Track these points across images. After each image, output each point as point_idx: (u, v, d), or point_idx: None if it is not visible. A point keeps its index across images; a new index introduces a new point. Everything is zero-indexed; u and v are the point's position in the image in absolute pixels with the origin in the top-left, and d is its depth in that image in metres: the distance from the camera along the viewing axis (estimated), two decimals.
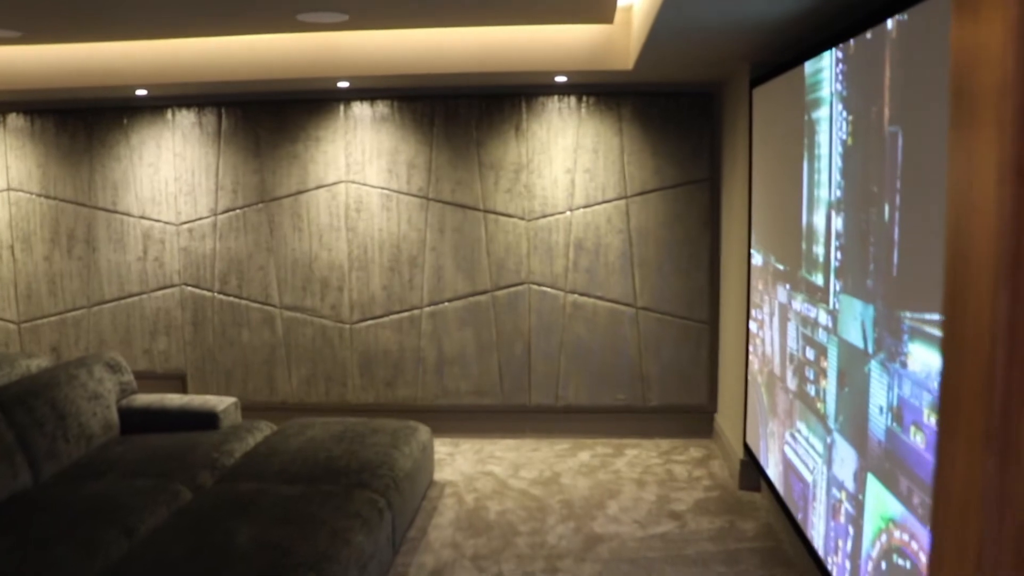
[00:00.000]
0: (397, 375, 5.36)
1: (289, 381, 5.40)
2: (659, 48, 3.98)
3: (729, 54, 4.06)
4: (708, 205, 5.20)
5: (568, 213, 5.21)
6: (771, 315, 3.88)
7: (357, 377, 5.37)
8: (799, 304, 3.37)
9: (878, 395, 2.46)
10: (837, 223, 2.87)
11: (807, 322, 3.26)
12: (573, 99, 5.16)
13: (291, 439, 4.06)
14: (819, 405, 3.09)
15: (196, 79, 4.73)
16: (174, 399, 4.40)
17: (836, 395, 2.88)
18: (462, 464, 4.89)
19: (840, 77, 2.88)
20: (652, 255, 5.22)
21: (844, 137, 2.83)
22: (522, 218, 5.23)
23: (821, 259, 3.07)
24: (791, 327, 3.51)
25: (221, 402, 4.37)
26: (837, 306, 2.86)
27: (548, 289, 5.26)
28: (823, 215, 3.06)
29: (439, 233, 5.24)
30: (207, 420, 4.27)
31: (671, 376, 5.31)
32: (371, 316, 5.31)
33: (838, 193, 2.88)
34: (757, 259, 4.16)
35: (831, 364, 2.93)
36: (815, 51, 3.12)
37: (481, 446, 5.22)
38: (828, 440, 2.98)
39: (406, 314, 5.30)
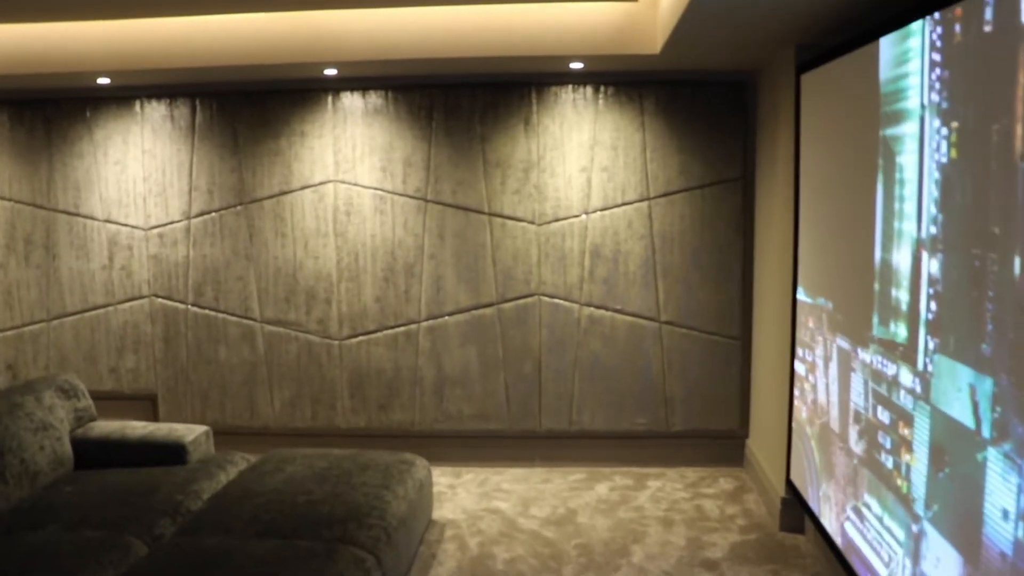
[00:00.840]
0: (392, 397, 4.92)
1: (271, 404, 4.96)
2: (694, 28, 3.52)
3: (773, 34, 3.59)
4: (740, 208, 4.73)
5: (584, 216, 4.76)
6: (826, 360, 3.39)
7: (347, 399, 4.92)
8: (869, 355, 2.88)
9: (1001, 495, 1.96)
10: (931, 266, 2.37)
11: (880, 378, 2.77)
12: (589, 89, 4.72)
13: (267, 477, 3.62)
14: (900, 482, 2.60)
15: (166, 65, 4.28)
16: (137, 428, 3.96)
17: (928, 477, 2.37)
18: (465, 499, 4.45)
19: (936, 70, 2.36)
20: (678, 263, 4.77)
21: (943, 158, 2.31)
22: (532, 222, 4.78)
23: (904, 307, 2.57)
24: (856, 379, 3.03)
25: (190, 432, 3.93)
26: (930, 368, 2.36)
27: (561, 301, 4.82)
28: (907, 254, 2.55)
29: (439, 239, 4.80)
30: (174, 453, 3.82)
31: (698, 398, 4.86)
32: (363, 331, 4.86)
33: (932, 229, 2.37)
34: (804, 296, 3.72)
35: (920, 437, 2.44)
36: (894, 24, 2.63)
37: (486, 477, 4.77)
38: (915, 529, 2.48)
39: (402, 329, 4.86)
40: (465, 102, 4.73)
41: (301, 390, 4.92)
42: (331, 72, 4.46)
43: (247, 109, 4.81)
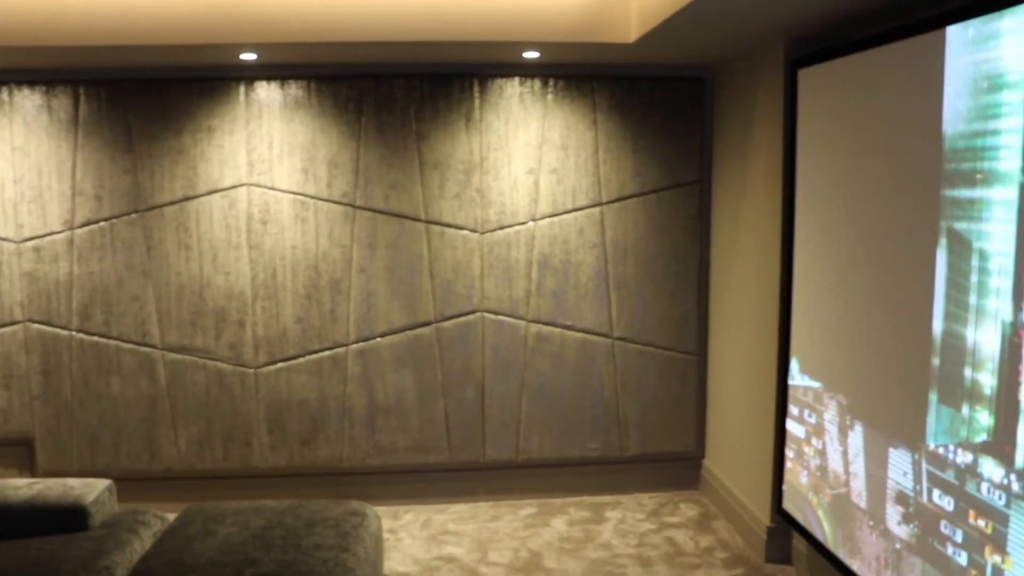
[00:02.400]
0: (317, 431, 4.48)
1: (175, 443, 4.42)
2: (690, 19, 3.27)
3: (771, 24, 3.39)
4: (698, 213, 4.55)
5: (531, 224, 4.46)
6: (843, 429, 3.20)
7: (265, 435, 4.45)
8: (930, 438, 2.68)
9: None
10: None
11: (946, 465, 2.57)
12: (538, 83, 4.40)
13: (196, 544, 3.14)
14: None
15: (41, 43, 3.65)
16: (20, 488, 3.37)
17: None
18: (412, 546, 4.07)
19: None
20: (632, 274, 4.55)
21: None
22: (474, 230, 4.45)
23: (989, 392, 2.36)
24: (898, 457, 2.84)
25: (90, 489, 3.37)
26: None
27: (506, 318, 4.51)
28: (995, 335, 2.35)
29: (369, 250, 4.39)
30: (71, 517, 3.24)
31: (653, 419, 4.64)
32: (282, 357, 4.39)
33: None
34: (802, 378, 3.54)
35: (1018, 540, 2.24)
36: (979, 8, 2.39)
37: (428, 516, 4.41)
38: None
39: (327, 353, 4.42)
40: (399, 95, 4.33)
41: (210, 427, 4.40)
42: (249, 57, 3.97)
43: (143, 100, 4.23)
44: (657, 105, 4.48)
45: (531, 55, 4.10)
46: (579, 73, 4.44)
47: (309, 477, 4.48)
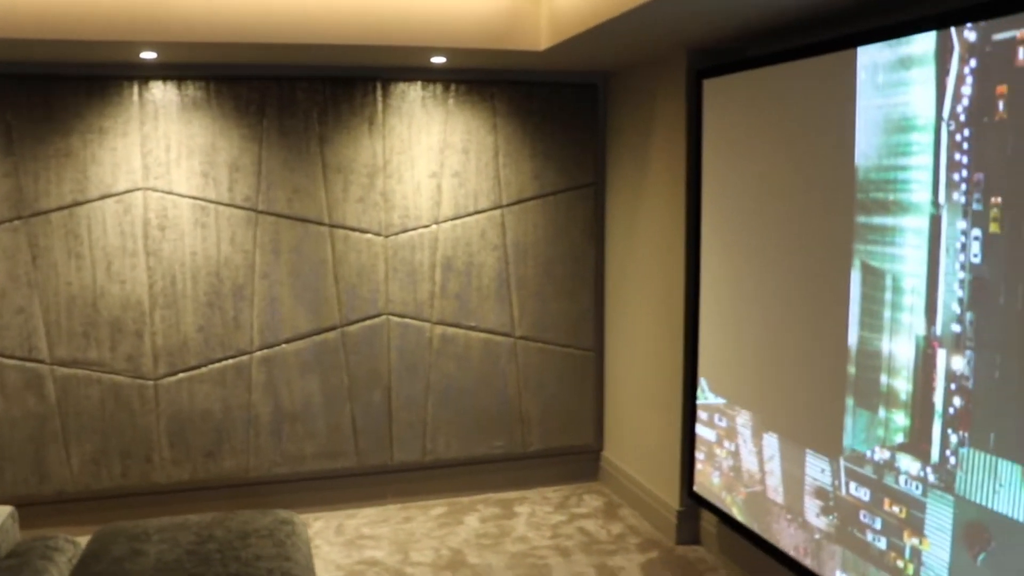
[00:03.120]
0: (221, 441, 4.37)
1: (68, 463, 4.19)
2: (608, 32, 3.48)
3: (679, 38, 3.65)
4: (593, 214, 4.79)
5: (434, 227, 4.56)
6: (757, 433, 3.50)
7: (166, 449, 4.30)
8: (848, 439, 2.99)
9: None
10: (953, 363, 2.49)
11: (864, 462, 2.89)
12: (439, 87, 4.50)
13: (127, 563, 3.03)
14: (900, 563, 2.73)
15: None
16: None
17: (952, 564, 2.51)
18: (331, 552, 4.06)
19: (961, 157, 2.49)
20: (532, 275, 4.72)
21: (974, 259, 2.44)
22: (378, 234, 4.48)
23: (905, 397, 2.69)
24: (814, 455, 3.15)
25: None
26: (952, 460, 2.50)
27: (411, 321, 4.57)
28: (910, 347, 2.67)
29: (273, 255, 4.34)
30: None
31: (553, 415, 4.83)
32: (183, 368, 4.26)
33: (956, 328, 2.49)
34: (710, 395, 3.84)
35: (937, 524, 2.57)
36: (899, 31, 2.70)
37: (339, 522, 4.41)
38: None
39: (231, 362, 4.33)
40: (302, 97, 4.31)
41: (107, 443, 4.21)
42: (149, 56, 3.84)
43: (24, 97, 3.99)
44: (554, 110, 4.68)
45: (438, 60, 4.20)
46: (479, 78, 4.57)
47: (214, 490, 4.37)
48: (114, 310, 4.17)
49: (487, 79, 4.57)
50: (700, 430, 3.90)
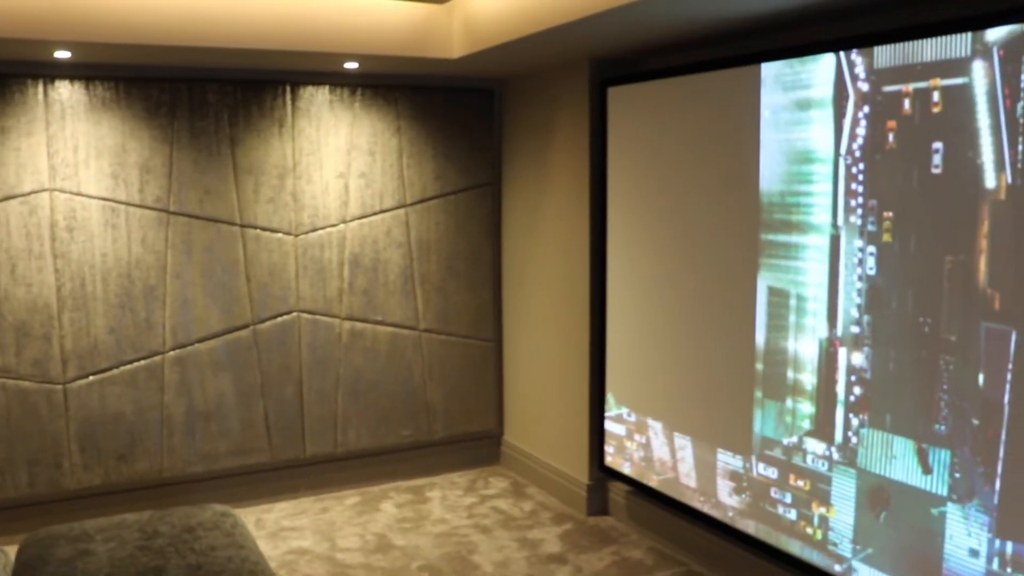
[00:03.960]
0: (134, 444, 4.32)
1: None
2: (522, 46, 3.77)
3: (583, 51, 3.98)
4: (491, 212, 5.06)
5: (342, 226, 4.68)
6: (669, 427, 3.89)
7: (76, 454, 4.21)
8: (757, 425, 3.43)
9: (964, 540, 2.64)
10: (854, 359, 2.96)
11: (774, 445, 3.32)
12: (346, 91, 4.62)
13: (78, 563, 3.04)
14: (810, 530, 3.19)
15: None
16: None
17: (856, 527, 2.99)
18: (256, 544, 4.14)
19: (857, 186, 2.96)
20: (435, 270, 4.93)
21: (869, 271, 2.91)
22: (289, 233, 4.55)
23: (810, 388, 3.15)
24: (726, 442, 3.58)
25: None
26: (854, 440, 2.97)
27: (321, 317, 4.68)
28: (814, 347, 3.12)
29: (185, 255, 4.33)
30: None
31: (457, 403, 5.07)
32: (94, 370, 4.19)
33: (855, 329, 2.96)
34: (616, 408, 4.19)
35: (842, 494, 3.04)
36: (801, 51, 3.10)
37: (257, 517, 4.46)
38: (838, 569, 3.08)
39: (143, 363, 4.30)
40: (213, 99, 4.33)
41: (12, 451, 4.08)
42: (63, 55, 3.76)
43: None
44: (454, 114, 4.91)
45: (352, 65, 4.34)
46: (384, 83, 4.74)
47: (128, 492, 4.32)
48: (20, 314, 4.06)
49: (391, 84, 4.74)
50: (609, 426, 4.25)
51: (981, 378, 2.58)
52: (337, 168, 4.65)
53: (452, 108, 4.89)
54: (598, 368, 4.32)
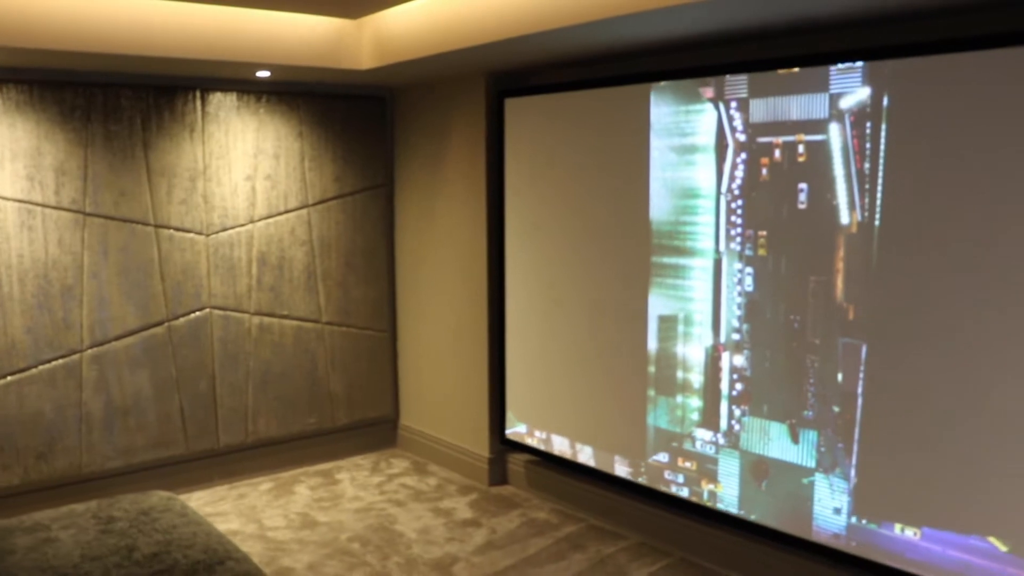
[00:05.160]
0: (53, 442, 4.35)
1: None
2: (428, 62, 4.21)
3: (481, 67, 4.43)
4: (385, 212, 5.39)
5: (250, 225, 4.87)
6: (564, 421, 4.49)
7: None
8: (651, 418, 4.05)
9: (830, 502, 3.34)
10: (735, 360, 3.61)
11: (667, 434, 3.95)
12: (252, 97, 4.82)
13: (46, 549, 3.16)
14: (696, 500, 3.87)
15: None
16: None
17: (740, 493, 3.64)
18: None
19: (735, 217, 3.56)
20: (335, 266, 5.21)
21: (747, 288, 3.54)
22: (200, 233, 4.71)
23: (698, 386, 3.78)
24: (622, 434, 4.18)
25: None
26: (738, 428, 3.62)
27: (232, 313, 4.85)
28: (701, 352, 3.75)
29: (101, 256, 4.40)
30: None
31: (357, 390, 5.38)
32: (11, 371, 4.19)
33: (736, 336, 3.60)
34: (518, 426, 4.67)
35: (727, 471, 3.69)
36: (699, 72, 3.66)
37: None
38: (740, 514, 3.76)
39: (61, 362, 4.33)
40: (126, 104, 4.43)
41: None
42: None
43: None
44: (350, 119, 5.21)
45: (263, 74, 4.56)
46: (287, 90, 4.99)
47: (48, 490, 4.35)
48: None
49: (293, 91, 4.99)
50: (510, 431, 4.77)
51: (840, 376, 3.27)
52: (245, 171, 4.85)
53: (349, 114, 5.19)
54: (497, 353, 4.78)
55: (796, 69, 3.29)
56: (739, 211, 3.56)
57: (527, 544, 4.14)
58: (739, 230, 3.56)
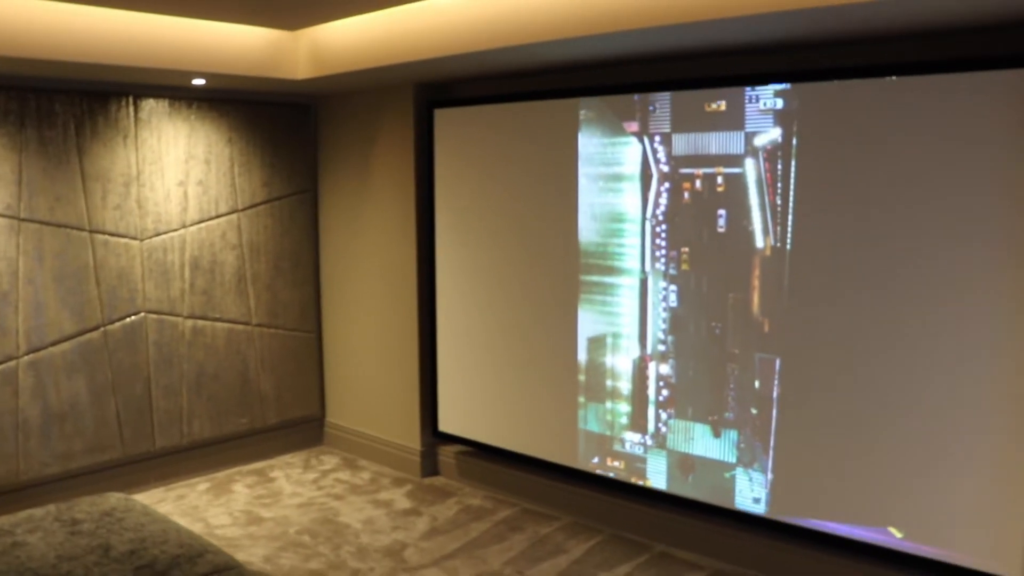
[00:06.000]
0: None
1: None
2: (362, 74, 4.43)
3: (409, 79, 4.67)
4: (311, 217, 5.53)
5: (183, 230, 4.91)
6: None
7: None
8: (581, 423, 4.38)
9: (749, 492, 3.77)
10: (661, 369, 4.00)
11: (599, 438, 4.30)
12: (183, 104, 4.88)
13: (18, 552, 3.19)
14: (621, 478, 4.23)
15: None
16: None
17: (667, 486, 4.03)
18: None
19: (659, 241, 3.91)
20: (264, 270, 5.30)
21: (672, 304, 3.92)
22: (135, 238, 4.72)
23: (627, 392, 4.14)
24: (556, 436, 4.54)
25: None
26: (663, 429, 4.01)
27: (166, 316, 4.88)
28: (629, 363, 4.10)
29: (36, 261, 4.37)
30: None
31: (286, 391, 5.49)
32: None
33: (662, 347, 3.97)
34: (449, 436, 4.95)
35: (655, 469, 4.07)
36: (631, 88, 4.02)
37: None
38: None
39: None
40: (60, 109, 4.41)
41: None
42: None
43: None
44: (278, 126, 5.33)
45: (199, 81, 4.62)
46: (217, 97, 5.07)
47: None
48: None
49: (223, 98, 5.08)
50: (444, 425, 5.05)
51: (757, 383, 3.70)
52: (177, 176, 4.90)
53: (276, 121, 5.31)
54: (428, 355, 5.02)
55: (722, 107, 3.68)
56: (663, 234, 3.95)
57: (468, 528, 4.39)
58: (663, 251, 3.95)
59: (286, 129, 5.36)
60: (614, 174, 4.05)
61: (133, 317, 4.78)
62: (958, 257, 3.15)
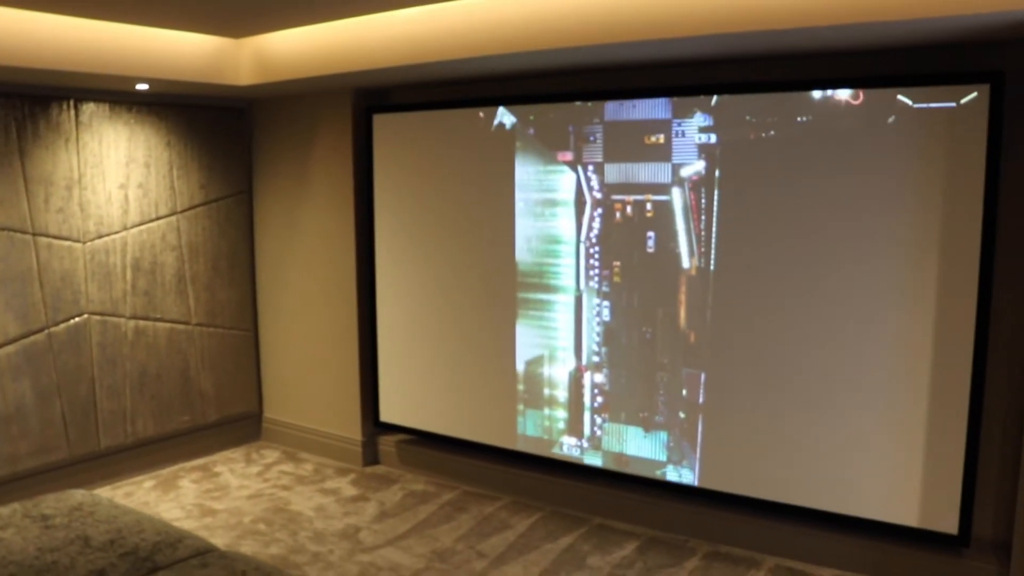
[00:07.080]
0: None
1: None
2: (307, 82, 4.62)
3: (350, 83, 4.85)
4: (246, 218, 5.65)
5: (124, 232, 4.95)
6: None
7: None
8: (520, 428, 4.68)
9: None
10: (596, 378, 4.35)
11: (536, 443, 4.61)
12: (123, 108, 4.93)
13: None
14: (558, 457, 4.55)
15: None
16: None
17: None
18: None
19: (592, 261, 4.24)
20: (203, 270, 5.38)
21: (605, 318, 4.26)
22: (78, 240, 4.74)
23: (563, 400, 4.47)
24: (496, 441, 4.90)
25: None
26: (599, 432, 4.35)
27: (110, 318, 4.92)
28: (565, 371, 4.44)
29: None
30: None
31: (225, 388, 5.60)
32: None
33: (596, 359, 4.31)
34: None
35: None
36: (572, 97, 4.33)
37: None
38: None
39: None
40: (0, 113, 4.39)
41: None
42: None
43: None
44: (213, 129, 5.42)
45: (142, 87, 4.69)
46: (156, 101, 5.14)
47: None
48: None
49: (162, 102, 5.15)
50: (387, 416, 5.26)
51: (684, 391, 4.08)
52: (118, 179, 4.95)
53: (213, 124, 5.40)
54: (368, 353, 5.23)
55: (660, 140, 4.01)
56: (597, 255, 4.28)
57: (416, 511, 4.63)
58: (597, 271, 4.29)
59: (223, 132, 5.46)
60: (549, 200, 4.40)
61: (77, 319, 4.82)
62: (863, 274, 3.62)
